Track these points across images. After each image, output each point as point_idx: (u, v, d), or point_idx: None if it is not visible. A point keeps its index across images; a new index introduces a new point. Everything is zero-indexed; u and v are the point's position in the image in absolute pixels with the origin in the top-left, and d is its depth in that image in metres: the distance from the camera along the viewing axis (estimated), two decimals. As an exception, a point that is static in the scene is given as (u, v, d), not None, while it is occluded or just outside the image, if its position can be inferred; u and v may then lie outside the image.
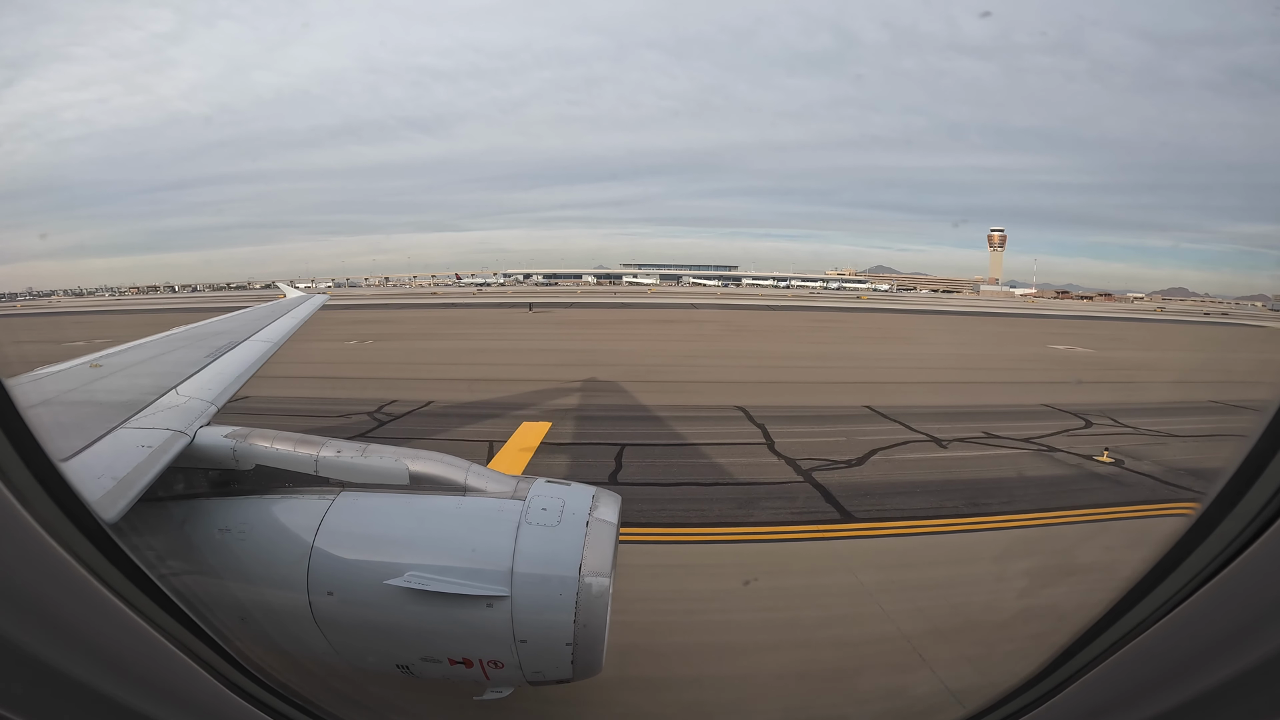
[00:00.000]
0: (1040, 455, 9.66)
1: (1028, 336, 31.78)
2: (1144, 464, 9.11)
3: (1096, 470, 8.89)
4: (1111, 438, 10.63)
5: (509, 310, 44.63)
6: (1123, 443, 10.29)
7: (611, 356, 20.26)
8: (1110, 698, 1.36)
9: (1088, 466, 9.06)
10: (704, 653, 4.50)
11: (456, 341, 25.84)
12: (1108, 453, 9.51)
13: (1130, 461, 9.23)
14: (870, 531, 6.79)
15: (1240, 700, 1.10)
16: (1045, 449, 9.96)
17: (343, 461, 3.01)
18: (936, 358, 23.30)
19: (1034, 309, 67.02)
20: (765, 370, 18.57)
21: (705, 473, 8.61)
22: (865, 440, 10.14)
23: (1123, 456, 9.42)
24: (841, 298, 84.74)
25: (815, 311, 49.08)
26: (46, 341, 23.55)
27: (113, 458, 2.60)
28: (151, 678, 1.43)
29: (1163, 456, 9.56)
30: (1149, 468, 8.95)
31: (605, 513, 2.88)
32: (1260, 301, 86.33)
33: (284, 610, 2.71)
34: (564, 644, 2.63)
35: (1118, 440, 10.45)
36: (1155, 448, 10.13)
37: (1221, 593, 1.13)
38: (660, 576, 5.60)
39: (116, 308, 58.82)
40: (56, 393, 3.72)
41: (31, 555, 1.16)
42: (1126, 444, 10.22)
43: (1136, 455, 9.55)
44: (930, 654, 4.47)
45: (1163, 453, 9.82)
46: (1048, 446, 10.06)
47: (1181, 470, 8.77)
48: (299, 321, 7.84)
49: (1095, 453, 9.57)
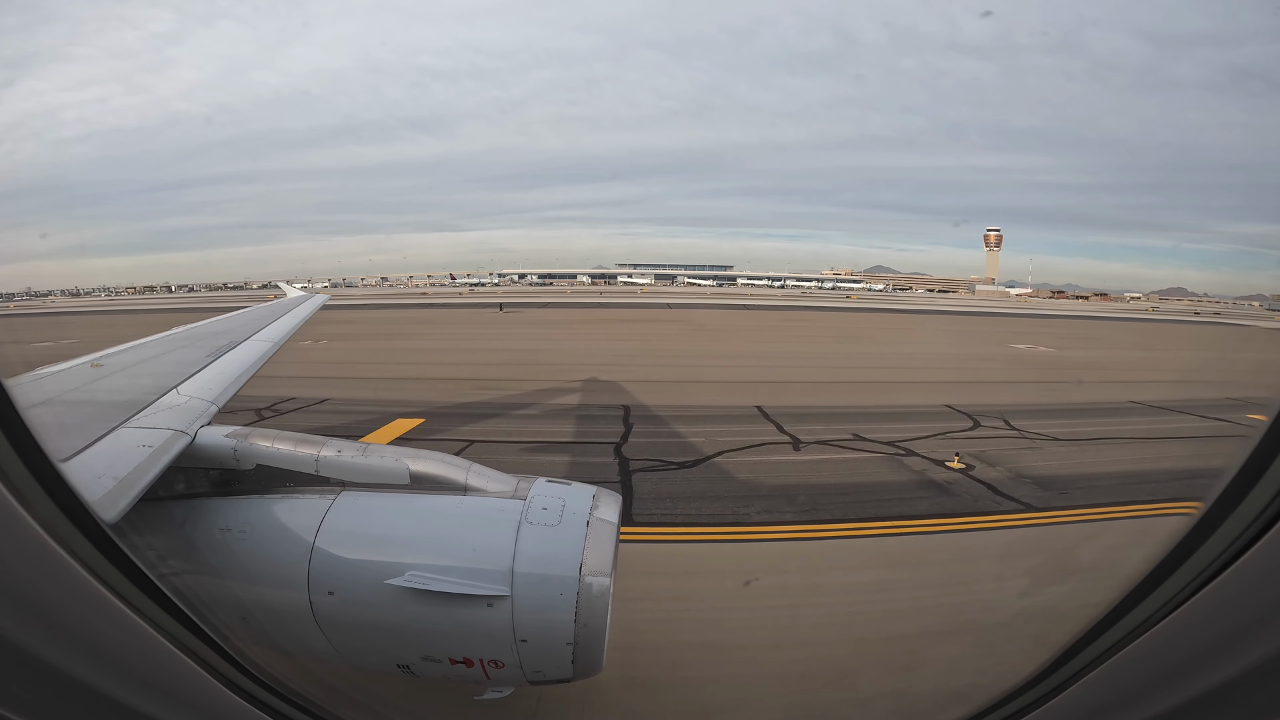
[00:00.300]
0: (889, 459, 9.29)
1: (994, 336, 31.68)
2: (993, 470, 8.69)
3: (935, 477, 8.46)
4: (989, 440, 10.36)
5: (482, 311, 44.68)
6: (995, 446, 9.98)
7: (547, 356, 20.38)
8: (1112, 698, 1.36)
9: (930, 473, 8.62)
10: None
11: (410, 342, 25.85)
12: (958, 458, 9.14)
13: (980, 468, 8.77)
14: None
15: (1242, 700, 1.10)
16: (903, 453, 9.56)
17: (343, 461, 3.01)
18: (879, 357, 23.18)
19: (1023, 309, 67.13)
20: (689, 370, 18.51)
21: (518, 470, 8.59)
22: (721, 441, 10.00)
23: (977, 462, 9.04)
24: (831, 297, 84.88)
25: (794, 311, 49.20)
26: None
27: (113, 457, 2.60)
28: (152, 677, 1.43)
29: (1020, 462, 9.14)
30: (993, 475, 8.50)
31: (606, 512, 2.88)
32: (1258, 301, 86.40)
33: (285, 610, 2.71)
34: (564, 644, 2.62)
35: (993, 444, 10.16)
36: (1022, 452, 9.74)
37: (1223, 593, 1.13)
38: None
39: (106, 308, 58.64)
40: (57, 392, 3.73)
41: (32, 555, 1.16)
42: (996, 448, 9.90)
43: (992, 461, 9.15)
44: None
45: (1023, 458, 9.40)
46: (907, 450, 9.65)
47: (1026, 478, 8.40)
48: (299, 321, 7.84)
49: (951, 457, 9.21)
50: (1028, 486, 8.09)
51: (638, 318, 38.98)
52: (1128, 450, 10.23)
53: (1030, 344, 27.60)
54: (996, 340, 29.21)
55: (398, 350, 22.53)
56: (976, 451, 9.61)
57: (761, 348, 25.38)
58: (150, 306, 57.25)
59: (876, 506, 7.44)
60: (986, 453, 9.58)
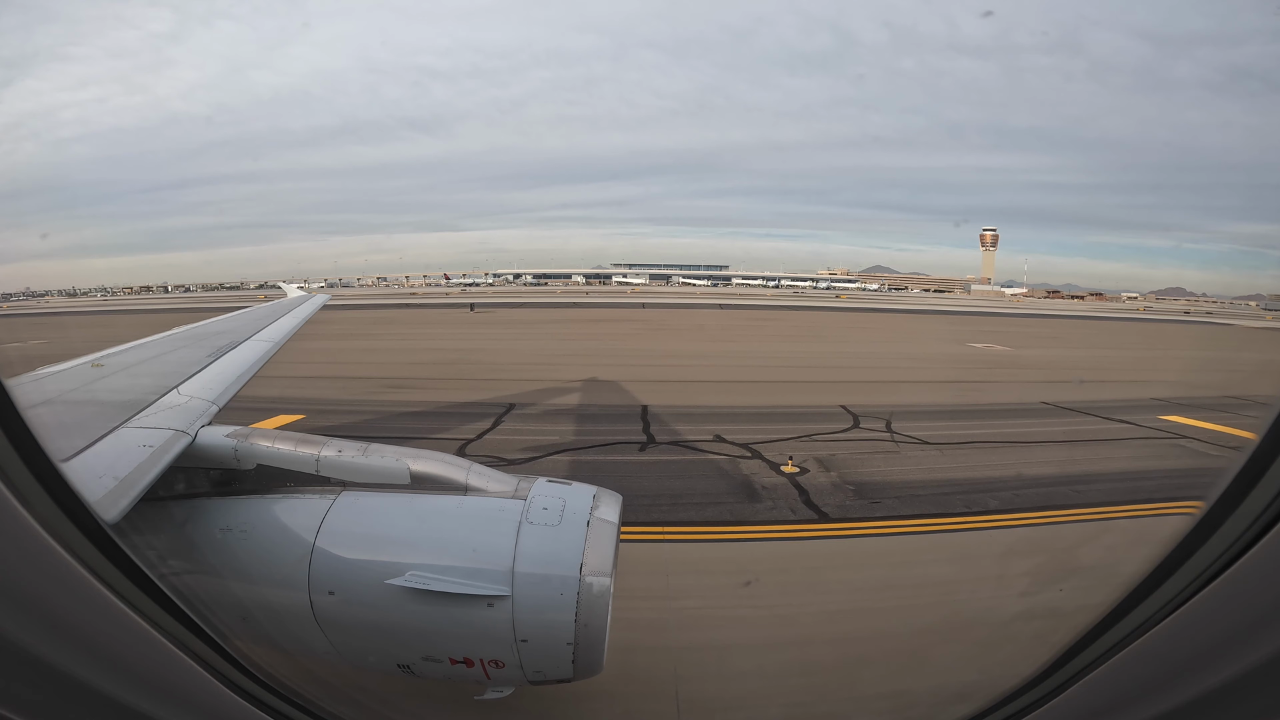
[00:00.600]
0: (728, 461, 9.03)
1: (961, 335, 31.48)
2: (823, 476, 8.37)
3: (758, 481, 8.14)
4: (852, 443, 10.14)
5: (454, 311, 44.50)
6: (851, 449, 9.76)
7: (482, 356, 20.54)
8: (1112, 698, 1.36)
9: (758, 477, 8.29)
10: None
11: (358, 341, 25.58)
12: (792, 461, 8.89)
13: (812, 473, 8.45)
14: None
15: (1242, 701, 1.10)
16: (749, 455, 9.29)
17: (344, 461, 3.01)
18: (817, 356, 23.01)
19: (1013, 308, 67.32)
20: (610, 369, 18.03)
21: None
22: (576, 439, 10.01)
23: (815, 466, 8.73)
24: (822, 297, 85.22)
25: (772, 310, 49.21)
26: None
27: (114, 457, 2.60)
28: (152, 677, 1.43)
29: (859, 468, 8.82)
30: (817, 481, 8.17)
31: (606, 512, 2.88)
32: (1255, 301, 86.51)
33: (285, 610, 2.72)
34: (565, 644, 2.62)
35: (852, 447, 9.94)
36: (871, 457, 9.45)
37: (1224, 593, 1.12)
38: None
39: (94, 309, 58.34)
40: (58, 392, 3.73)
41: (32, 555, 1.16)
42: (849, 451, 9.67)
43: (831, 465, 8.84)
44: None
45: (867, 463, 9.10)
46: (755, 453, 9.39)
47: (849, 485, 8.09)
48: (300, 321, 7.85)
49: (798, 460, 8.96)
50: (844, 495, 7.75)
51: (604, 318, 39.01)
52: (987, 455, 9.78)
53: (990, 343, 27.56)
54: (958, 339, 29.16)
55: (338, 350, 21.96)
56: (826, 455, 9.38)
57: (704, 347, 25.27)
58: (143, 307, 57.14)
59: (665, 512, 7.10)
60: (835, 456, 9.35)
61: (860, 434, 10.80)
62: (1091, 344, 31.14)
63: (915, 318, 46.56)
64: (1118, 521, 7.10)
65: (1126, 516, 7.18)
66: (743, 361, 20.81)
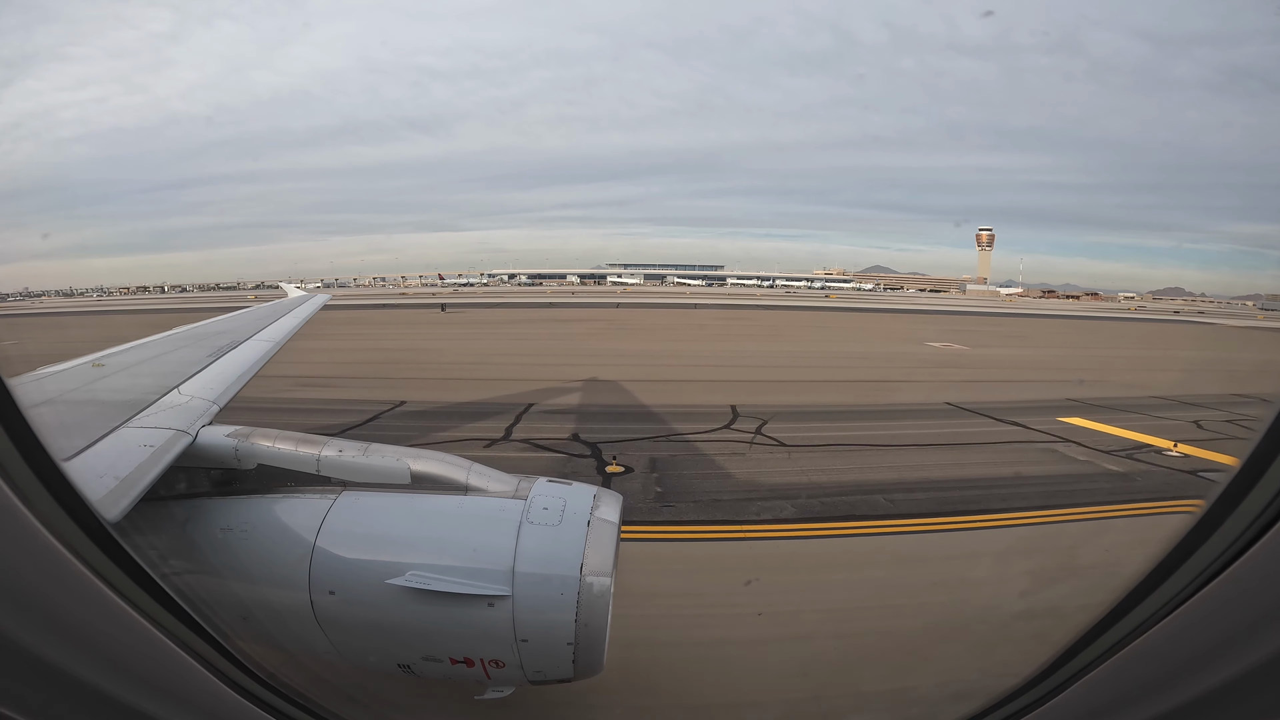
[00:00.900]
0: (563, 460, 9.10)
1: (924, 334, 31.58)
2: (645, 477, 8.35)
3: (572, 480, 8.16)
4: (707, 444, 10.17)
5: (426, 311, 44.62)
6: (697, 451, 9.81)
7: (421, 355, 20.90)
8: (1112, 698, 1.36)
9: (575, 477, 7.96)
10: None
11: (312, 341, 25.23)
12: (616, 461, 8.93)
13: (638, 473, 8.47)
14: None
15: (1242, 701, 1.10)
16: (587, 453, 9.39)
17: (344, 461, 3.01)
18: (755, 355, 23.03)
19: (1002, 308, 67.61)
20: (540, 369, 18.31)
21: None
22: (431, 435, 10.16)
23: (650, 468, 8.68)
24: (811, 297, 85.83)
25: (748, 309, 49.43)
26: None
27: (115, 457, 2.60)
28: (153, 677, 1.44)
29: (690, 469, 8.80)
30: (636, 482, 8.13)
31: (607, 512, 2.88)
32: (1252, 301, 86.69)
33: (286, 609, 2.72)
34: (565, 643, 2.63)
35: (703, 448, 9.94)
36: (714, 458, 9.39)
37: (1223, 593, 1.12)
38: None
39: (87, 309, 58.27)
40: (59, 392, 3.73)
41: (34, 555, 1.16)
42: (694, 452, 9.72)
43: (664, 466, 8.79)
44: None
45: (701, 464, 9.08)
46: (595, 451, 9.50)
47: (665, 486, 8.01)
48: (301, 321, 7.86)
49: (629, 461, 8.93)
50: (647, 498, 7.62)
51: (572, 318, 39.14)
52: (836, 459, 9.61)
53: (951, 343, 27.65)
54: (920, 339, 29.21)
55: (291, 350, 22.33)
56: (665, 456, 9.38)
57: (647, 346, 25.46)
58: (136, 307, 57.18)
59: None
60: (674, 458, 9.34)
61: (725, 434, 10.84)
62: (1057, 343, 31.33)
63: (893, 317, 46.68)
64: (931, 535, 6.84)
65: (952, 529, 6.93)
66: (671, 361, 20.85)
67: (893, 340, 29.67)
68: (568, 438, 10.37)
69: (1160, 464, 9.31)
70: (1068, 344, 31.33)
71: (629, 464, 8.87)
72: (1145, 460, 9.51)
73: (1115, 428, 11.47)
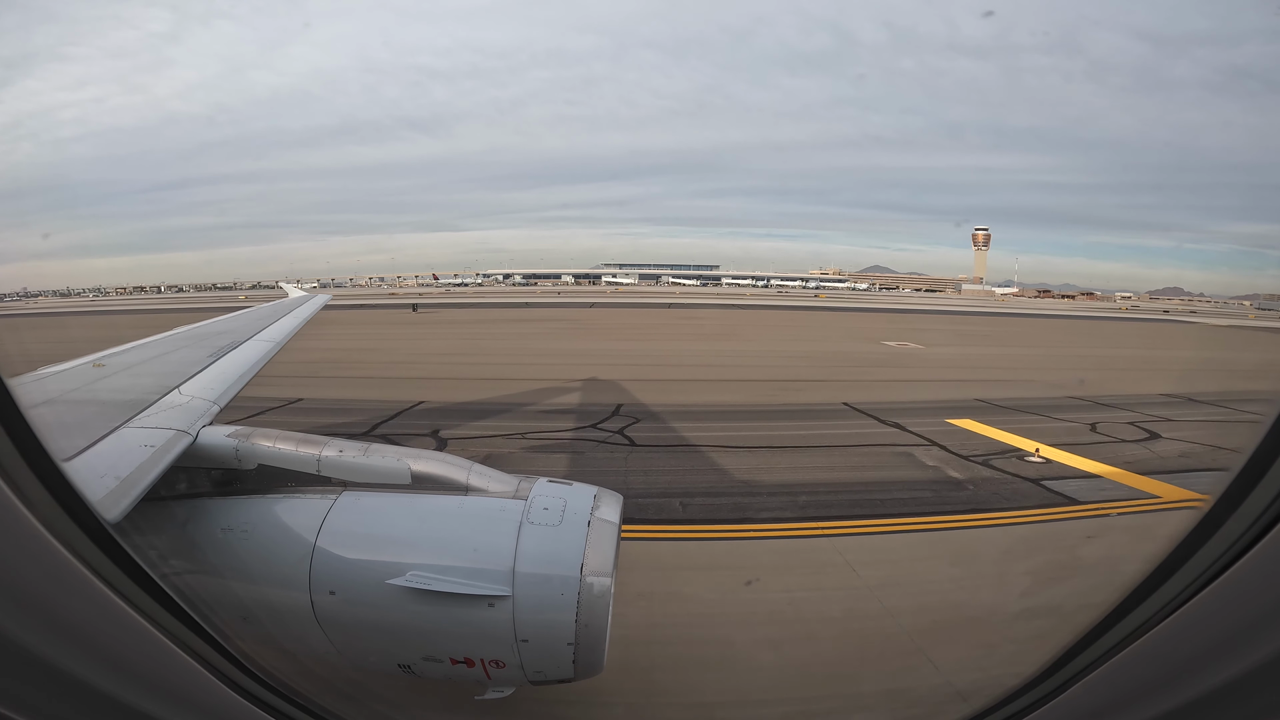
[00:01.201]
0: None
1: (886, 334, 31.35)
2: None
3: None
4: (561, 442, 10.31)
5: (397, 312, 44.68)
6: (548, 447, 10.01)
7: (363, 355, 21.38)
8: (1113, 698, 1.36)
9: None
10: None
11: None
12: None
13: None
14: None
15: (1243, 701, 1.10)
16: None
17: (345, 461, 3.01)
18: (689, 355, 23.04)
19: (992, 308, 67.80)
20: (466, 368, 18.60)
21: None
22: (283, 428, 10.35)
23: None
24: (801, 296, 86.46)
25: (722, 309, 49.27)
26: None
27: (116, 457, 2.60)
28: (154, 677, 1.44)
29: (514, 460, 9.03)
30: None
31: (607, 512, 2.88)
32: (1249, 300, 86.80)
33: (286, 610, 2.72)
34: (565, 644, 2.62)
35: (559, 444, 10.14)
36: (548, 455, 9.59)
37: (1224, 593, 1.12)
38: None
39: (81, 309, 58.16)
40: (59, 392, 3.74)
41: (34, 555, 1.16)
42: (541, 448, 9.93)
43: (494, 462, 8.74)
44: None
45: (531, 463, 9.20)
46: (440, 446, 9.79)
47: None
48: (301, 321, 7.86)
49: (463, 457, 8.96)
50: None
51: (538, 318, 39.12)
52: (678, 459, 9.53)
53: (906, 342, 27.59)
54: (878, 338, 29.07)
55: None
56: (505, 453, 9.56)
57: (590, 346, 25.55)
58: (129, 308, 57.03)
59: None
60: (510, 455, 9.47)
61: (586, 433, 10.95)
62: (1019, 342, 31.29)
63: (870, 316, 46.41)
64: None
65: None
66: (598, 360, 20.65)
67: (850, 339, 29.53)
68: (426, 434, 10.58)
69: (1008, 471, 8.96)
70: (1030, 343, 31.28)
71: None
72: (998, 467, 9.17)
73: (998, 430, 11.23)
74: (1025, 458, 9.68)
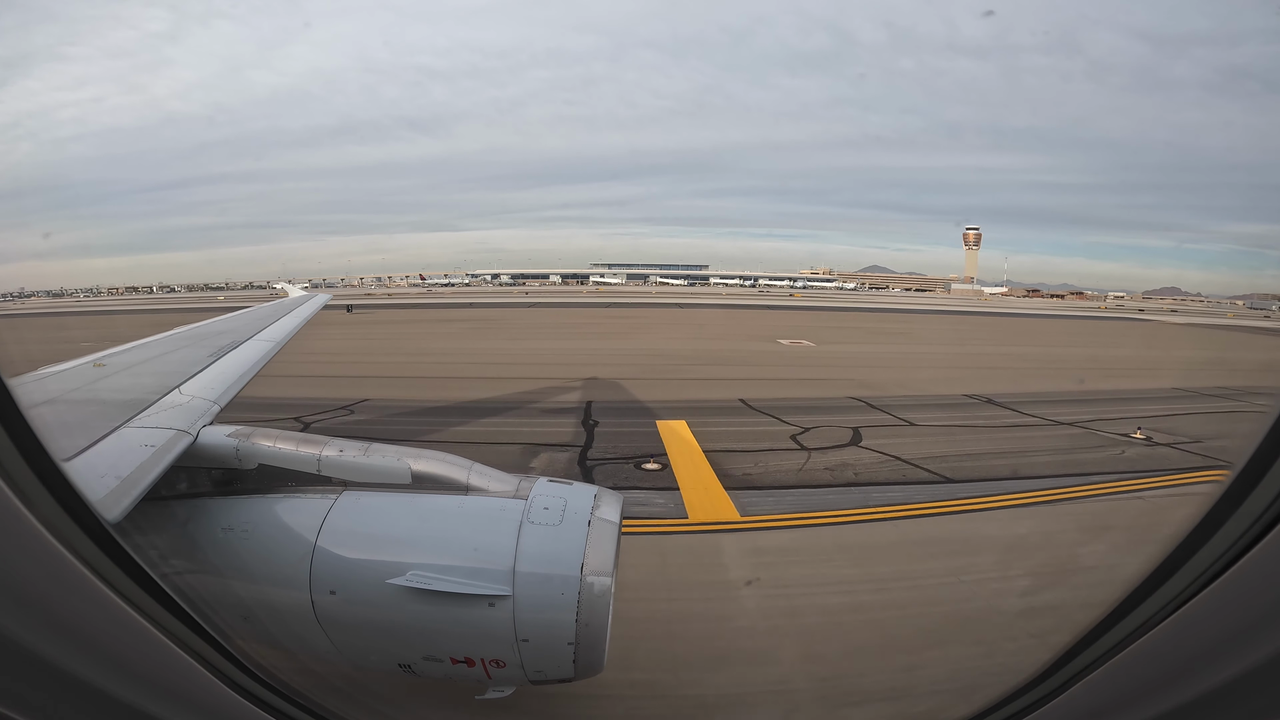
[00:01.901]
0: None
1: (793, 332, 30.49)
2: None
3: None
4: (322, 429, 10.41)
5: (333, 313, 43.82)
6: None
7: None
8: (1113, 698, 1.36)
9: None
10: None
11: None
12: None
13: None
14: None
15: (1243, 701, 1.10)
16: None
17: (345, 461, 3.01)
18: (557, 353, 22.47)
19: (963, 306, 67.26)
20: (339, 366, 17.86)
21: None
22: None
23: None
24: (778, 295, 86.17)
25: (668, 309, 48.52)
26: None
27: (116, 457, 2.61)
28: (154, 677, 1.44)
29: None
30: None
31: (607, 512, 2.88)
32: (1243, 300, 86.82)
33: (286, 609, 2.72)
34: (566, 643, 2.63)
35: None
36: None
37: (1225, 594, 1.12)
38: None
39: (66, 310, 57.72)
40: (60, 392, 3.74)
41: (34, 555, 1.16)
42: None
43: None
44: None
45: None
46: None
47: None
48: (301, 321, 7.86)
49: None
50: None
51: (465, 318, 38.24)
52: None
53: (803, 340, 27.00)
54: (775, 337, 28.15)
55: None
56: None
57: (477, 345, 25.41)
58: (123, 308, 56.74)
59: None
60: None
61: (347, 420, 11.47)
62: (938, 340, 30.84)
63: (806, 314, 45.00)
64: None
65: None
66: (473, 359, 20.73)
67: (747, 337, 28.47)
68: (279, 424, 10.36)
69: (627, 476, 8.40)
70: (947, 341, 30.44)
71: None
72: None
73: (690, 436, 10.28)
74: (641, 465, 8.95)
